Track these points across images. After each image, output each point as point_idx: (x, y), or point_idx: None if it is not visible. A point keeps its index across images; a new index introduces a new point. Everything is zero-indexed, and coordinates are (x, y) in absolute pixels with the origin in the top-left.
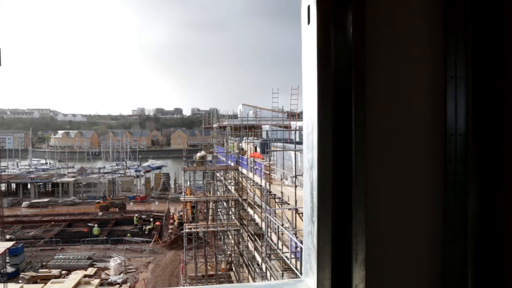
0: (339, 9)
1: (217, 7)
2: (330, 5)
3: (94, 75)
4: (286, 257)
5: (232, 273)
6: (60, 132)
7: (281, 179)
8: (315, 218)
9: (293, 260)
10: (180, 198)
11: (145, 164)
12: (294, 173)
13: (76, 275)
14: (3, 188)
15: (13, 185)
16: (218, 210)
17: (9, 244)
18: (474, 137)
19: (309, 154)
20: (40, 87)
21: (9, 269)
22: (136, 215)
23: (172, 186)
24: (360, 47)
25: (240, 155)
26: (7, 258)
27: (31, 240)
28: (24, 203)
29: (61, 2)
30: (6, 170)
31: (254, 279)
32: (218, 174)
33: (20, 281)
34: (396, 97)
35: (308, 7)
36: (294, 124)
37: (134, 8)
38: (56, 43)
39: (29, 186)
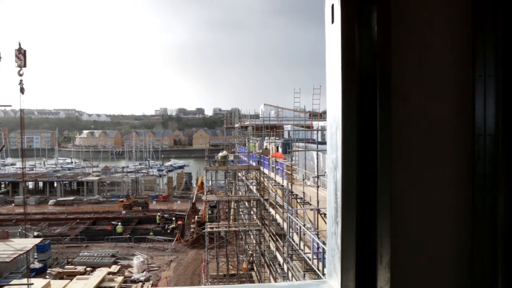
0: (363, 8)
1: (236, 7)
2: (354, 4)
3: (118, 75)
4: (308, 257)
5: (253, 273)
6: (85, 132)
7: (303, 179)
8: (339, 219)
9: (315, 261)
10: (202, 198)
11: (168, 163)
12: (316, 173)
13: (101, 272)
14: (30, 186)
15: (40, 184)
16: (240, 209)
17: (37, 240)
18: (504, 137)
19: (333, 154)
20: (66, 88)
21: (37, 265)
22: (158, 214)
23: (194, 185)
24: (385, 46)
25: (262, 155)
26: (35, 254)
27: (58, 237)
28: (51, 201)
29: (85, 5)
30: (34, 169)
31: (275, 279)
32: (239, 174)
33: (47, 276)
34: (422, 97)
35: (332, 6)
36: (316, 124)
37: (155, 8)
38: (81, 45)
39: (55, 185)
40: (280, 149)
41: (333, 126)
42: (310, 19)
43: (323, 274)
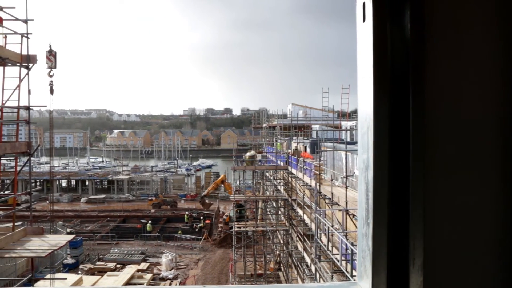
0: (396, 6)
1: (261, 6)
2: (386, 2)
3: (148, 76)
4: (336, 259)
5: (280, 273)
6: (116, 131)
7: (331, 180)
8: (370, 220)
9: (343, 262)
10: (230, 197)
11: (196, 163)
12: (344, 173)
13: (130, 269)
14: (64, 184)
15: (73, 182)
16: (267, 209)
17: (70, 237)
18: None
19: (364, 155)
20: (97, 89)
21: (70, 261)
22: (187, 213)
23: (221, 184)
24: (418, 44)
25: (293, 156)
26: (68, 250)
27: (89, 234)
28: (83, 199)
29: (116, 7)
30: (67, 168)
31: (303, 280)
32: (267, 174)
33: (79, 272)
34: (460, 96)
35: (363, 4)
36: (344, 124)
37: (181, 9)
38: (111, 47)
39: (87, 183)
40: (308, 149)
41: (364, 126)
42: (336, 18)
43: (352, 276)
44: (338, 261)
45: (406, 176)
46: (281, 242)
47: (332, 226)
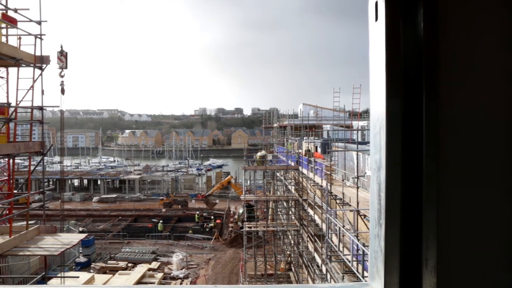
0: (409, 4)
1: (272, 6)
2: (399, 1)
3: (159, 76)
4: (347, 259)
5: (291, 274)
6: (127, 131)
7: (343, 180)
8: (382, 221)
9: (354, 263)
10: (241, 197)
11: (207, 163)
12: (356, 174)
13: (141, 268)
14: (76, 184)
15: (85, 181)
16: (278, 209)
17: (82, 236)
18: None
19: (376, 155)
20: (109, 89)
21: (82, 259)
22: (197, 212)
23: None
24: (432, 43)
25: (306, 157)
26: (80, 248)
27: (101, 233)
28: (95, 198)
29: (125, 7)
30: (79, 167)
31: (313, 280)
32: (278, 174)
33: (91, 270)
34: (473, 96)
35: (376, 3)
36: (356, 124)
37: (192, 9)
38: (123, 47)
39: (99, 182)
40: (319, 149)
41: (376, 126)
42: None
43: (363, 277)
44: (349, 261)
45: (419, 177)
46: (292, 242)
47: (343, 226)
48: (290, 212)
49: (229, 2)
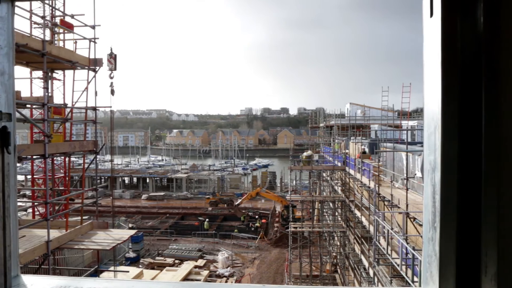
0: None
1: (313, 4)
2: None
3: (205, 77)
4: (396, 263)
5: (337, 275)
6: (175, 131)
7: (391, 181)
8: (437, 224)
9: (403, 267)
10: (286, 197)
11: (252, 162)
12: (405, 175)
13: (188, 265)
14: (126, 181)
15: (135, 179)
16: (324, 210)
17: (132, 232)
18: None
19: (431, 156)
20: (157, 90)
21: (131, 254)
22: (243, 211)
23: (278, 184)
24: (492, 39)
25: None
26: (130, 244)
27: (149, 229)
28: (144, 196)
29: (173, 11)
30: (129, 165)
31: (360, 284)
32: (324, 174)
33: (140, 266)
34: None
35: None
36: (405, 123)
37: (235, 8)
38: (171, 49)
39: (147, 180)
40: (366, 149)
41: (431, 125)
42: (389, 14)
43: (413, 282)
44: (398, 265)
45: (477, 178)
46: (338, 243)
47: (392, 229)
48: (336, 213)
49: (270, 1)
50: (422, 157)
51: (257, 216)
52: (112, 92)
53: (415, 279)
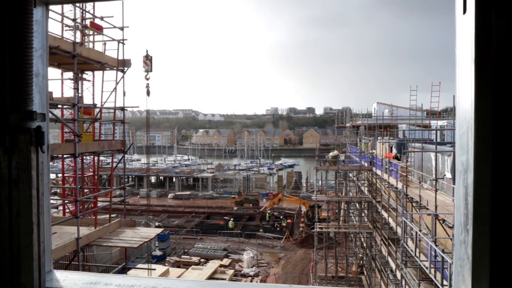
0: None
1: (335, 2)
2: None
3: (231, 77)
4: (424, 265)
5: (363, 277)
6: (201, 130)
7: (419, 182)
8: (469, 226)
9: (432, 270)
10: (312, 197)
11: (278, 162)
12: (434, 176)
13: (213, 264)
14: (153, 180)
15: (161, 178)
16: (350, 211)
17: (159, 230)
18: None
19: (463, 156)
20: (184, 90)
21: (158, 253)
22: (268, 211)
23: (304, 184)
24: None
25: (375, 156)
26: (156, 243)
27: (175, 228)
28: (170, 195)
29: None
30: (156, 165)
31: (387, 286)
32: (350, 175)
33: (166, 264)
34: None
35: None
36: (434, 123)
37: (256, 8)
38: (197, 49)
39: (174, 180)
40: (394, 150)
41: (463, 125)
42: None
43: (442, 285)
44: (427, 268)
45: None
46: (364, 245)
47: (420, 231)
48: (363, 214)
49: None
50: (453, 158)
51: (282, 216)
52: (148, 93)
53: (445, 282)
